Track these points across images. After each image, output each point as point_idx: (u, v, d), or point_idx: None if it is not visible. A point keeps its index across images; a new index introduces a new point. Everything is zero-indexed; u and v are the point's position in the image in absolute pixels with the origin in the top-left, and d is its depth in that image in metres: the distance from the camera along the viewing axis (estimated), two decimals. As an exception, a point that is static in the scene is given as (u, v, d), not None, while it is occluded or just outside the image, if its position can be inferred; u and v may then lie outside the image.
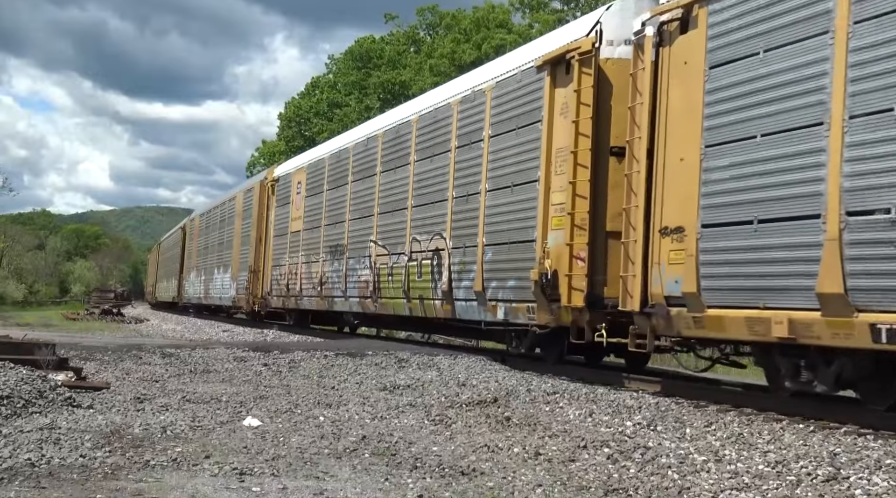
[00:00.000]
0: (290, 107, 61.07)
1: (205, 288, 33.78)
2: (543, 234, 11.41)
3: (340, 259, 18.79)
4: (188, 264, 38.73)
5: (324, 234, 20.01)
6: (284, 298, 22.67)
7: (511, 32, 43.06)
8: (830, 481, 5.56)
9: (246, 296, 26.14)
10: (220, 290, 30.67)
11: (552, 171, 11.47)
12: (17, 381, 7.76)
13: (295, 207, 22.43)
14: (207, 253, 33.94)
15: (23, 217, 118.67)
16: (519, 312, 11.99)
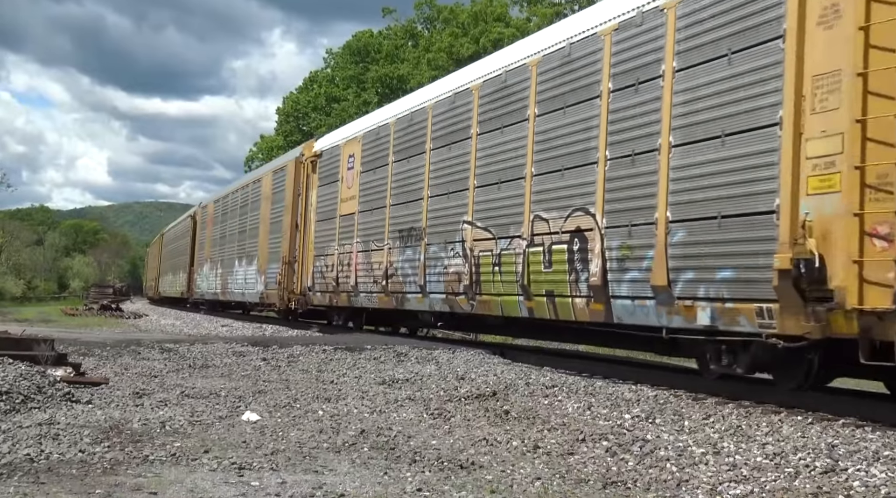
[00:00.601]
0: (287, 102, 61.01)
1: (222, 282, 30.15)
2: (793, 203, 7.93)
3: (415, 246, 15.20)
4: (200, 256, 35.17)
5: (390, 216, 16.33)
6: (332, 295, 19.11)
7: (509, 26, 42.99)
8: (829, 473, 5.57)
9: (278, 291, 22.38)
10: (243, 284, 27.13)
11: (806, 107, 7.94)
12: (15, 376, 7.77)
13: (345, 186, 18.72)
14: (225, 243, 30.29)
15: (21, 213, 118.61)
16: (740, 315, 8.49)
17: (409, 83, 44.19)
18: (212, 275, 31.99)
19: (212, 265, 32.23)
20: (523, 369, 11.28)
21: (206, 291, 33.08)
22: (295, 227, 21.77)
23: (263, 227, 25.05)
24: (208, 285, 32.51)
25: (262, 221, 25.34)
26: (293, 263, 21.61)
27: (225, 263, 29.91)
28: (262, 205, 25.47)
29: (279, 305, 22.75)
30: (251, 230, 26.61)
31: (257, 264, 25.23)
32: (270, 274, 23.62)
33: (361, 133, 18.37)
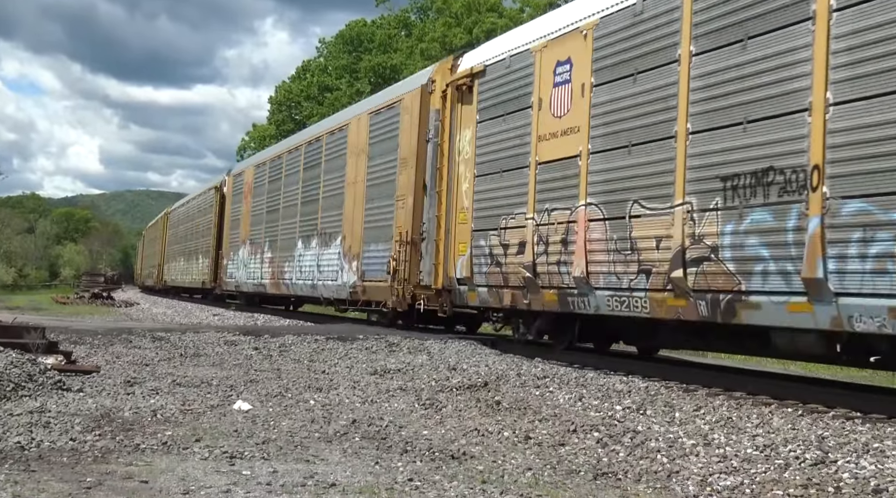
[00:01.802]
0: (280, 91, 60.88)
1: (273, 270, 23.10)
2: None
3: (780, 204, 8.20)
4: (233, 237, 27.84)
5: (691, 152, 9.24)
6: (516, 292, 12.18)
7: (502, 16, 42.92)
8: (818, 465, 5.60)
9: (391, 285, 15.59)
10: (314, 273, 19.93)
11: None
12: (6, 364, 7.74)
13: (551, 114, 11.64)
14: (278, 219, 23.23)
15: (12, 200, 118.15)
16: None
17: (402, 73, 44.12)
18: (254, 260, 24.85)
19: (254, 248, 25.17)
20: (515, 360, 11.30)
21: (243, 281, 26.01)
22: (422, 189, 15.00)
23: (353, 194, 17.97)
24: (248, 274, 25.51)
25: (349, 185, 18.27)
26: (418, 243, 15.04)
27: (279, 245, 22.76)
28: (350, 162, 18.35)
29: (392, 303, 15.55)
30: (328, 198, 19.51)
31: (341, 246, 18.35)
32: (372, 259, 16.75)
33: (594, 20, 10.91)
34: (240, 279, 26.58)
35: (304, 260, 20.75)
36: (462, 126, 13.77)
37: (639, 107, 10.01)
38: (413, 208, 15.20)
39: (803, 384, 9.70)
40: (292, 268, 21.57)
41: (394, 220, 15.87)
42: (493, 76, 13.14)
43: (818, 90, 7.79)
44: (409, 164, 15.55)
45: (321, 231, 19.83)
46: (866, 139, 7.34)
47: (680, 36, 9.42)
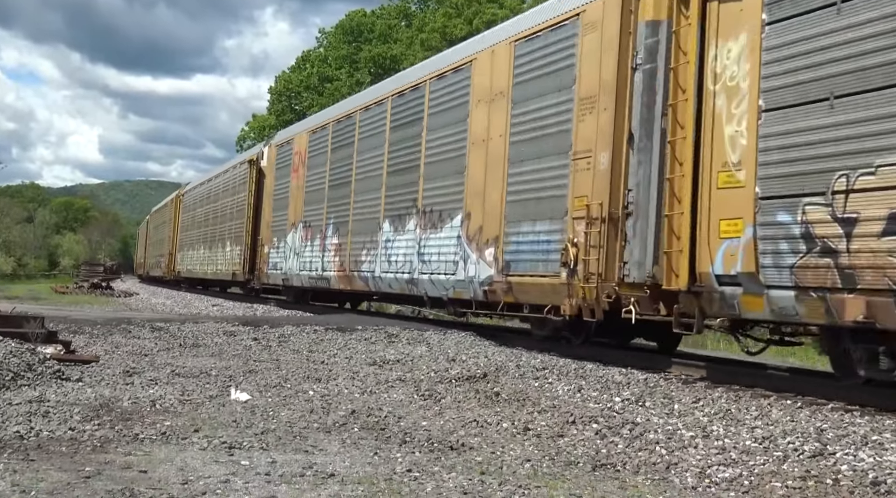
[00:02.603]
0: (280, 81, 60.79)
1: (342, 259, 18.07)
2: None
3: None
4: (278, 221, 22.66)
5: None
6: (875, 300, 7.14)
7: (503, 7, 42.83)
8: (817, 457, 5.60)
9: (565, 281, 10.80)
10: (414, 263, 14.90)
11: None
12: (5, 353, 7.75)
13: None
14: (348, 195, 18.08)
15: (11, 190, 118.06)
16: None
17: (402, 64, 44.05)
18: (311, 248, 20.00)
19: (309, 232, 20.15)
20: (514, 352, 11.31)
21: (294, 273, 20.91)
22: (626, 141, 10.21)
23: (482, 155, 12.99)
24: (301, 264, 20.51)
25: (474, 145, 13.26)
26: (620, 221, 10.22)
27: (351, 228, 17.73)
28: (477, 112, 13.30)
29: (569, 308, 10.72)
30: (435, 164, 14.51)
31: (463, 227, 13.33)
32: (525, 244, 11.86)
33: None
34: (289, 271, 21.21)
35: (395, 246, 15.62)
36: (720, 37, 8.85)
37: None
38: (611, 169, 10.26)
39: (802, 376, 9.71)
40: (374, 257, 16.39)
41: (569, 188, 10.96)
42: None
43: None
44: (599, 104, 10.61)
45: (424, 208, 14.64)
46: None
47: None
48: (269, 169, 24.21)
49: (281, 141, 23.98)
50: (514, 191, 12.06)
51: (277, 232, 22.64)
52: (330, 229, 18.90)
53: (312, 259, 19.80)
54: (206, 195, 33.65)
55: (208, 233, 31.94)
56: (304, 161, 20.96)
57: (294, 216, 21.33)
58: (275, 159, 23.80)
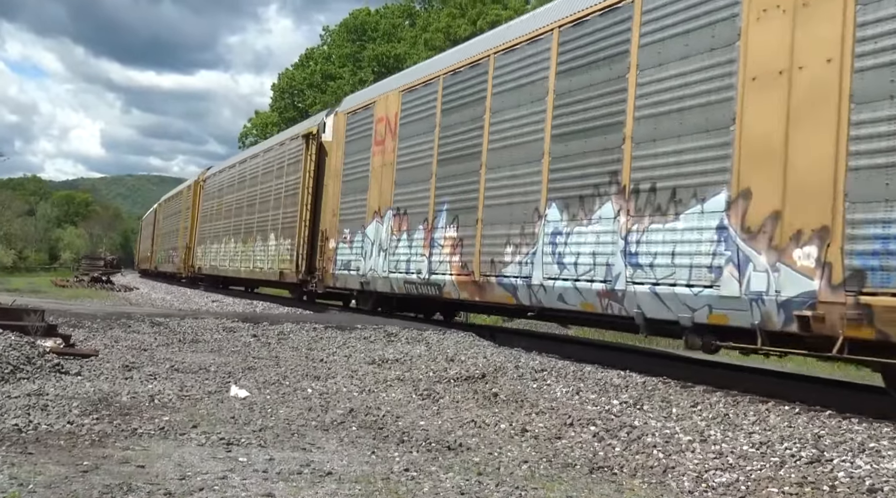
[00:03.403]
0: (283, 78, 60.85)
1: (464, 257, 13.35)
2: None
3: None
4: (351, 206, 17.83)
5: None
6: None
7: (507, 8, 42.85)
8: (814, 463, 5.60)
9: None
10: (620, 267, 9.94)
11: None
12: (5, 346, 7.76)
13: None
14: (475, 170, 13.24)
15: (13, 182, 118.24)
16: None
17: (406, 63, 44.07)
18: (406, 243, 15.26)
19: (403, 222, 15.43)
20: (513, 353, 11.31)
21: (378, 275, 16.14)
22: None
23: (762, 101, 8.39)
24: (389, 264, 15.77)
25: (756, 82, 8.48)
26: None
27: (485, 217, 12.84)
28: (768, 23, 8.38)
29: None
30: (666, 116, 9.55)
31: (731, 213, 8.63)
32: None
33: None
34: (370, 272, 16.47)
35: (573, 242, 10.86)
36: None
37: None
38: None
39: (800, 382, 9.71)
40: (528, 256, 11.63)
41: None
42: None
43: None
44: None
45: (636, 184, 9.88)
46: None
47: None
48: (336, 143, 19.04)
49: (354, 106, 18.38)
50: (873, 151, 7.25)
51: (350, 222, 17.75)
52: (442, 218, 14.07)
53: (411, 258, 14.90)
54: (237, 179, 28.71)
55: (241, 223, 27.25)
56: (394, 130, 16.10)
57: (378, 201, 16.45)
58: (344, 130, 18.52)
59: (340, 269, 18.02)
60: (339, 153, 18.71)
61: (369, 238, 16.74)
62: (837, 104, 7.57)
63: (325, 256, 19.04)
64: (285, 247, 22.05)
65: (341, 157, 18.57)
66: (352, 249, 17.57)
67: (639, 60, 9.92)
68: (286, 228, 22.10)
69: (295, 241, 21.05)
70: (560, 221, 11.05)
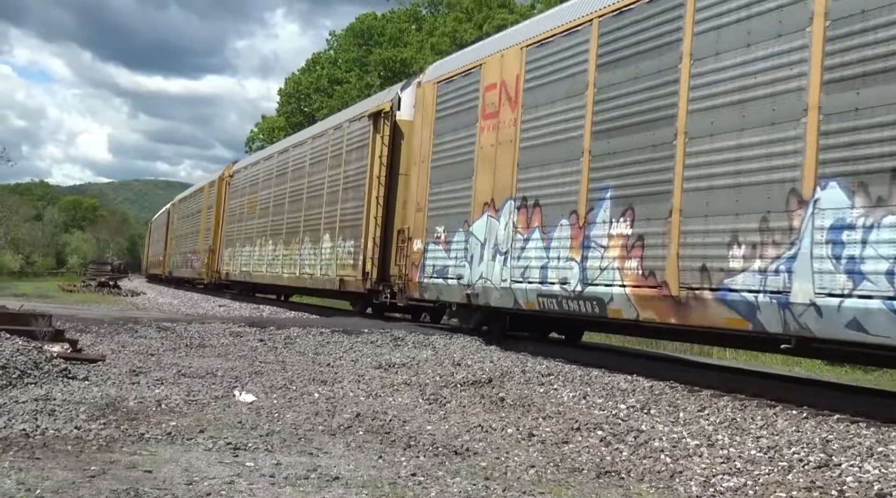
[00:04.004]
0: (290, 83, 60.93)
1: (716, 259, 8.62)
2: None
3: None
4: (440, 202, 14.54)
5: None
6: None
7: (513, 13, 42.88)
8: (822, 468, 5.58)
9: None
10: None
11: None
12: (12, 351, 7.77)
13: None
14: (698, 134, 9.02)
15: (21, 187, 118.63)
16: None
17: (412, 67, 44.14)
18: (538, 243, 11.67)
19: (535, 217, 11.85)
20: (519, 357, 11.30)
21: (492, 285, 12.56)
22: None
23: None
24: (511, 271, 12.17)
25: None
26: None
27: (688, 205, 9.16)
28: None
29: None
30: None
31: None
32: None
33: None
34: (480, 280, 12.84)
35: (891, 237, 7.11)
36: None
37: None
38: None
39: (808, 386, 9.69)
40: (791, 259, 7.91)
41: None
42: None
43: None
44: None
45: None
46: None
47: None
48: (421, 121, 15.50)
49: (448, 73, 14.84)
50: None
51: (444, 218, 14.25)
52: (602, 209, 10.43)
53: (549, 263, 11.34)
54: (276, 172, 25.12)
55: (282, 222, 23.69)
56: (515, 97, 12.61)
57: (489, 190, 12.92)
58: (433, 104, 15.01)
59: (431, 276, 14.38)
60: (426, 133, 15.12)
61: (476, 238, 13.12)
62: None
63: (406, 261, 15.42)
64: (345, 249, 18.50)
65: (429, 137, 15.00)
66: (449, 252, 13.93)
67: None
68: (347, 227, 18.59)
69: (360, 243, 17.48)
70: (849, 209, 7.41)
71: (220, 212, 31.72)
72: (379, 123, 17.43)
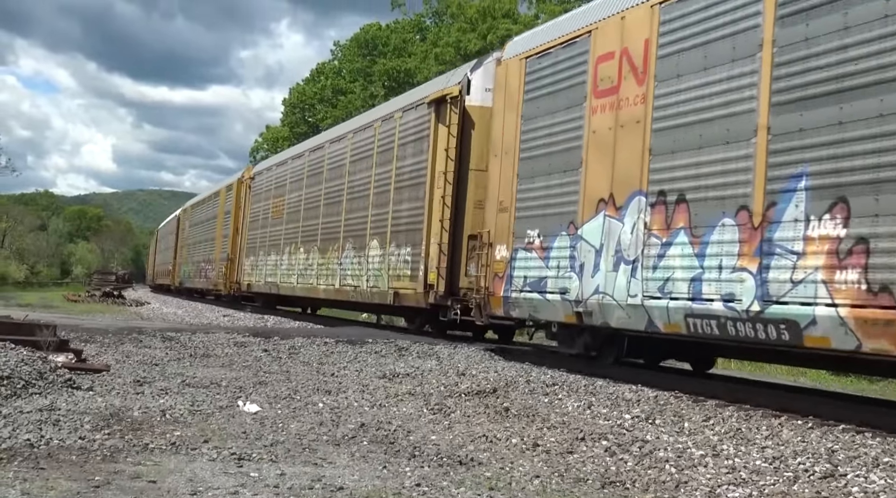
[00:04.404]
0: (294, 93, 61.06)
1: None
2: None
3: None
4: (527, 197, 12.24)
5: None
6: None
7: (517, 23, 42.94)
8: (828, 478, 5.57)
9: None
10: None
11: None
12: (17, 361, 7.78)
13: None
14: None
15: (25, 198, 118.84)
16: None
17: (417, 77, 44.22)
18: (691, 249, 9.21)
19: (713, 213, 8.98)
20: (524, 367, 11.28)
21: (618, 299, 10.21)
22: None
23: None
24: (659, 282, 9.60)
25: None
26: None
27: None
28: None
29: None
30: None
31: None
32: None
33: None
34: (595, 295, 10.64)
35: None
36: None
37: None
38: None
39: (813, 396, 9.67)
40: None
41: None
42: None
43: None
44: None
45: None
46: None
47: None
48: (504, 104, 13.05)
49: (540, 47, 12.40)
50: None
51: (540, 219, 11.84)
52: (794, 203, 8.11)
53: (704, 273, 9.01)
54: (308, 171, 22.79)
55: (316, 227, 21.30)
56: (643, 67, 10.28)
57: (606, 184, 10.65)
58: (521, 84, 12.68)
59: (522, 290, 11.97)
60: (511, 118, 12.72)
61: (588, 243, 10.85)
62: None
63: (485, 272, 13.00)
64: (399, 257, 16.25)
65: (515, 123, 12.62)
66: (546, 261, 11.53)
67: None
68: (401, 232, 16.32)
69: (420, 250, 15.20)
70: None
71: (240, 217, 29.52)
72: (443, 111, 15.05)
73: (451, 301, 14.24)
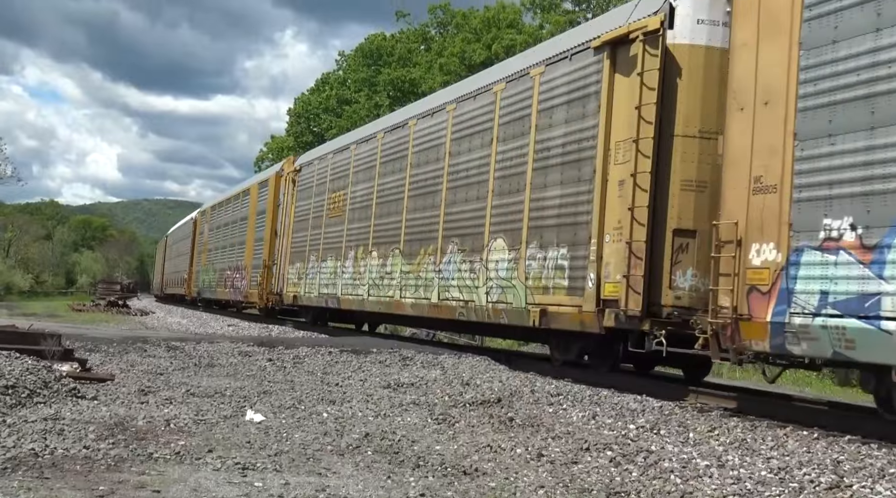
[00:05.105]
0: (299, 103, 61.17)
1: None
2: None
3: None
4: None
5: None
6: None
7: (521, 33, 43.01)
8: (833, 489, 5.55)
9: None
10: None
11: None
12: (22, 371, 7.79)
13: None
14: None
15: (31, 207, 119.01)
16: None
17: (421, 87, 44.30)
18: None
19: None
20: (528, 377, 11.26)
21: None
22: None
23: None
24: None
25: None
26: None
27: None
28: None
29: None
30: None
31: None
32: None
33: None
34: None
35: None
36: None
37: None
38: None
39: (818, 407, 9.63)
40: None
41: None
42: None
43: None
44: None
45: None
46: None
47: None
48: (756, 32, 8.64)
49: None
50: None
51: (845, 204, 7.44)
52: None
53: None
54: (382, 157, 18.31)
55: (399, 226, 16.93)
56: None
57: None
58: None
59: (818, 312, 7.48)
60: (775, 52, 8.34)
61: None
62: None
63: (734, 283, 8.50)
64: (548, 262, 12.00)
65: (786, 56, 8.22)
66: (880, 267, 7.06)
67: None
68: (548, 227, 12.11)
69: (587, 252, 11.15)
70: None
71: (285, 217, 24.65)
72: (626, 56, 10.93)
73: (651, 325, 10.06)
